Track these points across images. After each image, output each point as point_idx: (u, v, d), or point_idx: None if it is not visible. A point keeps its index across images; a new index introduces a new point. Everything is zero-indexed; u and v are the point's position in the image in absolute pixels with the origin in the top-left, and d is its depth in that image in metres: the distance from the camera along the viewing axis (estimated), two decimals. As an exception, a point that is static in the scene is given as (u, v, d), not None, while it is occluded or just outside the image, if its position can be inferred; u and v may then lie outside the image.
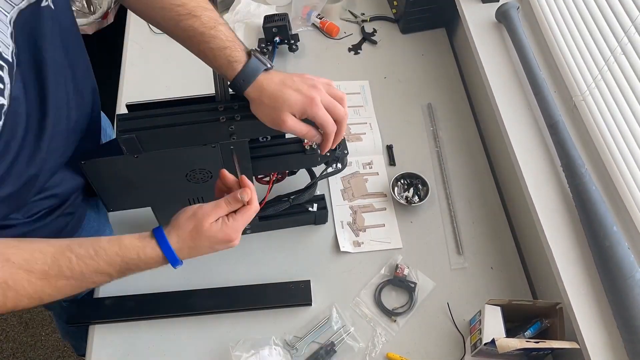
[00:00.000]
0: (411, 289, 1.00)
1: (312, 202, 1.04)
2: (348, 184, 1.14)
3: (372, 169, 1.16)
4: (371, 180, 1.14)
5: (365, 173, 1.15)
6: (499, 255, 1.06)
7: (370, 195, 1.12)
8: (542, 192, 0.95)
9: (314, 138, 0.78)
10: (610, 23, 0.90)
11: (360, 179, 1.15)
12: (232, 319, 0.97)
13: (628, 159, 0.87)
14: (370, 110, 1.26)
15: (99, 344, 0.95)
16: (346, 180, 1.14)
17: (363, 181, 1.14)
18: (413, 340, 0.96)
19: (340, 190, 1.13)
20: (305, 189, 1.00)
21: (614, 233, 0.83)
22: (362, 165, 1.17)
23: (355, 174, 1.15)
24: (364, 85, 1.30)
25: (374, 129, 1.22)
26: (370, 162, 1.17)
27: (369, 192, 1.13)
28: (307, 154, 0.92)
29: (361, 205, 1.11)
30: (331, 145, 0.79)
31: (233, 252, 1.05)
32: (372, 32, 1.40)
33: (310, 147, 0.92)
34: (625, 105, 0.87)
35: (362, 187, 1.13)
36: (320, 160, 0.95)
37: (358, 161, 1.17)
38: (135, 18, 1.40)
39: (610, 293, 0.82)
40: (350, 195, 1.12)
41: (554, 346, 0.83)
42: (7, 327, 1.77)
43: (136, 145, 0.78)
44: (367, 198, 1.12)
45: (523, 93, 1.07)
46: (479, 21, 1.19)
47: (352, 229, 1.08)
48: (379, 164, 1.17)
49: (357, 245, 1.06)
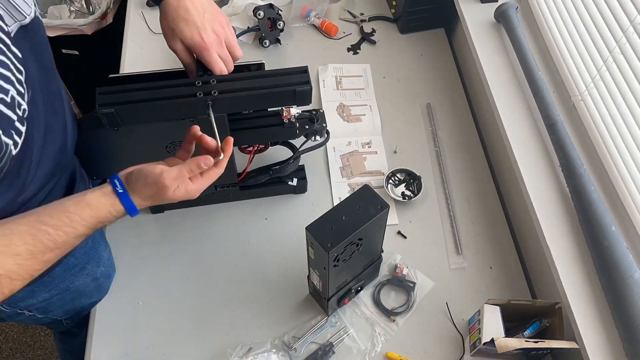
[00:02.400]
0: (410, 288, 1.00)
1: (292, 175, 1.07)
2: (347, 162, 1.17)
3: (370, 148, 1.19)
4: (370, 159, 1.17)
5: (364, 152, 1.18)
6: (498, 255, 1.06)
7: (369, 174, 1.15)
8: (540, 192, 0.95)
9: (191, 74, 0.88)
10: (609, 23, 0.90)
11: (359, 157, 1.18)
12: (229, 320, 0.97)
13: (627, 159, 0.87)
14: (371, 92, 1.29)
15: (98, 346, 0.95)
16: (345, 158, 1.17)
17: (362, 160, 1.17)
18: (412, 340, 0.96)
19: (339, 168, 1.16)
20: (286, 162, 1.02)
21: (612, 233, 0.83)
22: (362, 144, 1.20)
23: (354, 152, 1.18)
24: (366, 69, 1.33)
25: (374, 110, 1.25)
26: (369, 141, 1.20)
27: (367, 170, 1.16)
28: (286, 127, 0.95)
29: (359, 182, 1.14)
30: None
31: (232, 249, 1.05)
32: (371, 32, 1.40)
33: (289, 121, 0.94)
34: (623, 105, 0.87)
35: (361, 165, 1.16)
36: (299, 133, 0.97)
37: (357, 141, 1.20)
38: (135, 18, 1.41)
39: (609, 293, 0.82)
40: (348, 172, 1.15)
41: (553, 346, 0.83)
42: (7, 327, 1.77)
43: (115, 119, 0.80)
44: (365, 176, 1.15)
45: (522, 93, 1.07)
46: (478, 21, 1.19)
47: None
48: (377, 144, 1.20)
49: None
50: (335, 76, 1.31)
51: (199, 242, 1.06)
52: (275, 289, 1.00)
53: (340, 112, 1.24)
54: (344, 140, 1.20)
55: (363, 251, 0.86)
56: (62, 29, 1.62)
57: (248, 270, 1.03)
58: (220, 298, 1.00)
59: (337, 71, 1.32)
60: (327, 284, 0.85)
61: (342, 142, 1.19)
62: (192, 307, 0.99)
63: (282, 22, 1.33)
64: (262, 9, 1.29)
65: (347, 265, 0.86)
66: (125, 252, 1.04)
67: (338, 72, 1.31)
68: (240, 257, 1.04)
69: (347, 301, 0.96)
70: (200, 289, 1.01)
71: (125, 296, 1.00)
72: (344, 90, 1.28)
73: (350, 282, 0.93)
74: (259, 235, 1.07)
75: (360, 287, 0.97)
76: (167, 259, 1.04)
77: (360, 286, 0.96)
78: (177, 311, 0.98)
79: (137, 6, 1.43)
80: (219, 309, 0.98)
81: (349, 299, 0.96)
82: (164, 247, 1.05)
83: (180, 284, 1.01)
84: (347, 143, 1.19)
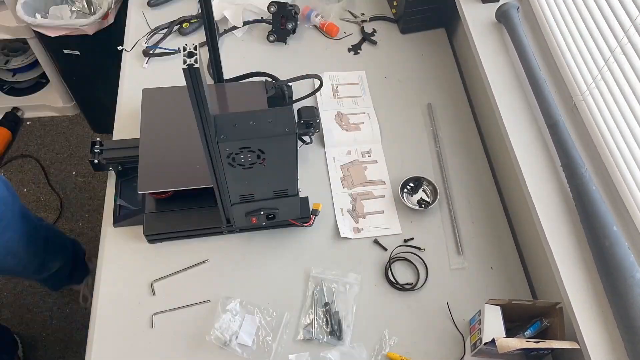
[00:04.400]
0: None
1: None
2: (347, 172, 1.16)
3: (370, 157, 1.18)
4: (370, 168, 1.16)
5: (364, 161, 1.17)
6: (498, 255, 1.06)
7: (370, 183, 1.14)
8: (542, 192, 0.95)
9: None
10: (610, 23, 0.90)
11: (359, 167, 1.17)
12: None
13: (628, 159, 0.87)
14: (368, 100, 1.27)
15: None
16: (345, 168, 1.16)
17: (362, 169, 1.16)
18: (413, 340, 0.96)
19: (339, 178, 1.15)
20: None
21: (613, 233, 0.83)
22: (361, 154, 1.19)
23: (355, 162, 1.17)
24: (361, 76, 1.32)
25: (372, 118, 1.24)
26: (369, 150, 1.19)
27: (368, 180, 1.15)
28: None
29: (360, 192, 1.13)
30: None
31: (234, 246, 1.05)
32: (372, 32, 1.40)
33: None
34: (625, 105, 0.87)
35: (362, 175, 1.15)
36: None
37: (357, 150, 1.19)
38: (136, 18, 1.41)
39: (610, 293, 0.82)
40: (349, 182, 1.14)
41: (554, 346, 0.83)
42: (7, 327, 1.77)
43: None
44: (366, 185, 1.14)
45: (523, 93, 1.07)
46: (479, 21, 1.19)
47: (352, 216, 1.09)
48: (377, 153, 1.19)
49: (357, 231, 1.07)
50: (331, 84, 1.30)
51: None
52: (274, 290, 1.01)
53: (338, 120, 1.23)
54: (344, 150, 1.19)
55: (269, 172, 0.87)
56: (63, 29, 1.62)
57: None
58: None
59: (333, 79, 1.31)
60: (223, 180, 0.87)
61: (342, 152, 1.18)
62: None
63: (292, 24, 1.33)
64: (276, 5, 1.30)
65: (250, 176, 0.87)
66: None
67: (334, 80, 1.30)
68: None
69: (255, 220, 0.97)
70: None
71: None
72: (341, 99, 1.27)
73: (259, 201, 0.94)
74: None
75: (272, 215, 0.98)
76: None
77: (272, 213, 0.97)
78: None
79: (138, 6, 1.43)
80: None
81: (257, 219, 0.97)
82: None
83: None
84: (346, 152, 1.18)
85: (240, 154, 0.83)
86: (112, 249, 1.04)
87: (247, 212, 0.97)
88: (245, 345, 0.93)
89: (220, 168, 0.85)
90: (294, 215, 1.02)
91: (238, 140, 0.80)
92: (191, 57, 0.67)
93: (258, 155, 0.84)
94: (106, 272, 1.02)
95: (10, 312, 1.78)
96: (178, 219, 1.03)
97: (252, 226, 1.04)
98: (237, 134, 0.80)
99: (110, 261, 1.03)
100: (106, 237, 1.05)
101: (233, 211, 0.96)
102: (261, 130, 0.81)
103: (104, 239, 1.05)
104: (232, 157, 0.83)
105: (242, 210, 0.96)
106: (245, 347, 0.93)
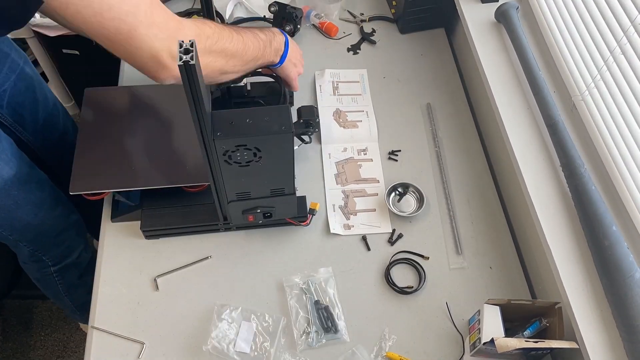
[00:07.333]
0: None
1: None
2: (342, 169, 1.16)
3: (366, 155, 1.18)
4: (365, 166, 1.17)
5: (359, 159, 1.17)
6: (498, 255, 1.06)
7: (363, 181, 1.14)
8: (541, 192, 0.95)
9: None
10: (610, 23, 0.90)
11: (354, 164, 1.17)
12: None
13: (627, 159, 0.87)
14: (368, 98, 1.28)
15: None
16: (340, 165, 1.17)
17: (357, 167, 1.16)
18: (412, 340, 0.96)
19: (333, 175, 1.15)
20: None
21: (613, 232, 0.83)
22: (357, 151, 1.19)
23: (350, 159, 1.17)
24: (363, 74, 1.32)
25: (370, 117, 1.24)
26: (365, 148, 1.19)
27: (362, 178, 1.15)
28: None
29: (354, 189, 1.13)
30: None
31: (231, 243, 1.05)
32: (371, 32, 1.40)
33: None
34: (624, 105, 0.87)
35: (356, 173, 1.15)
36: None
37: (353, 147, 1.19)
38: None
39: (609, 293, 0.82)
40: (343, 179, 1.14)
41: (553, 346, 0.83)
42: (7, 327, 1.77)
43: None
44: (360, 183, 1.14)
45: (522, 93, 1.07)
46: (478, 21, 1.19)
47: (343, 213, 1.09)
48: (373, 151, 1.19)
49: (347, 228, 1.07)
50: (332, 81, 1.30)
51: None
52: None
53: (336, 117, 1.23)
54: (340, 147, 1.19)
55: (266, 170, 0.87)
56: (62, 29, 1.62)
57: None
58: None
59: (334, 76, 1.31)
60: (220, 178, 0.87)
61: (338, 148, 1.19)
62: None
63: (291, 26, 1.33)
64: (277, 5, 1.30)
65: (247, 174, 0.88)
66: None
67: (335, 78, 1.31)
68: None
69: (252, 218, 0.97)
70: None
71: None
72: (340, 96, 1.27)
73: (256, 199, 0.95)
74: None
75: (269, 213, 0.98)
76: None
77: (269, 212, 0.98)
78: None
79: (137, 6, 1.42)
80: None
81: (254, 217, 0.98)
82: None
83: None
84: (342, 149, 1.18)
85: (237, 151, 0.83)
86: (110, 243, 1.05)
87: (244, 210, 0.97)
88: (243, 353, 0.92)
89: (217, 165, 0.85)
90: (290, 214, 1.02)
91: (234, 137, 0.80)
92: (187, 53, 0.67)
93: (254, 153, 0.84)
94: (105, 267, 1.02)
95: (10, 311, 1.78)
96: (176, 215, 1.03)
97: (249, 224, 1.04)
98: (233, 131, 0.81)
99: (109, 256, 1.03)
100: (105, 232, 1.06)
101: (230, 209, 0.96)
102: (258, 128, 0.81)
103: (103, 233, 1.06)
104: (229, 154, 0.83)
105: (238, 208, 0.96)
106: (244, 355, 0.92)
